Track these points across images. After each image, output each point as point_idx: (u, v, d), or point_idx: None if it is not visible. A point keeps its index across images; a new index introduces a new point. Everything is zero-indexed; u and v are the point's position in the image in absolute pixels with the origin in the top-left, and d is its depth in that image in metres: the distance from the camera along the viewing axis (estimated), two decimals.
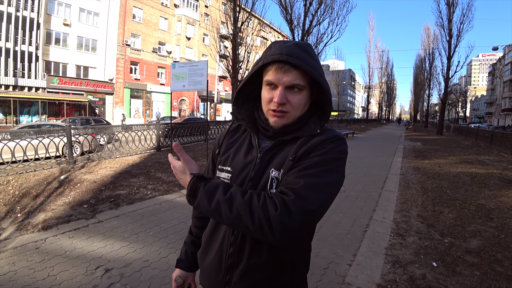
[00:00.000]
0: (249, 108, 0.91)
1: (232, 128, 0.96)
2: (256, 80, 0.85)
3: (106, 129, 9.01)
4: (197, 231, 1.02)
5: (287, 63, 0.73)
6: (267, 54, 0.77)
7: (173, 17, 29.36)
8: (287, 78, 0.74)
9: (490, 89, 60.47)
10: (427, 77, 35.75)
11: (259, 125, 0.87)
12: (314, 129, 0.80)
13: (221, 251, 0.83)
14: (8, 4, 19.04)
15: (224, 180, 0.84)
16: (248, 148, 0.87)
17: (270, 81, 0.76)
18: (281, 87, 0.75)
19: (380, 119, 65.71)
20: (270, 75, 0.76)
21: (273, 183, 0.77)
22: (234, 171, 0.84)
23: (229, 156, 0.89)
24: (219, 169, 0.89)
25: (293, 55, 0.72)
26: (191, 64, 7.58)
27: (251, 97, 0.91)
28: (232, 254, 0.80)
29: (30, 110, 20.08)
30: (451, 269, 2.58)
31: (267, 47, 0.82)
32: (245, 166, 0.83)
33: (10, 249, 2.79)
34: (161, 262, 2.64)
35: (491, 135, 13.60)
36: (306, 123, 0.83)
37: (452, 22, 19.97)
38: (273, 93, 0.77)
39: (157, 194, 4.78)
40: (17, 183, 5.15)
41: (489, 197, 4.92)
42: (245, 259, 0.79)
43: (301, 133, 0.80)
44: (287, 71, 0.74)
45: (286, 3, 16.44)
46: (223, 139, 0.95)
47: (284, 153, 0.81)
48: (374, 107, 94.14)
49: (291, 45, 0.76)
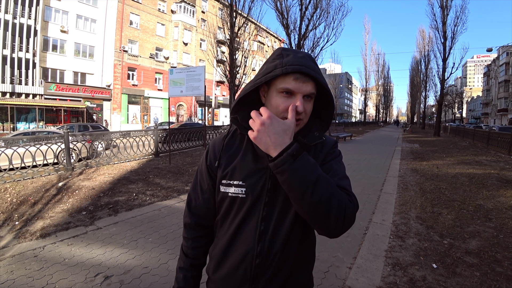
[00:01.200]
0: (246, 114, 0.86)
1: (228, 138, 0.92)
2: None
3: (104, 135, 8.99)
4: (195, 252, 0.95)
5: (307, 75, 0.76)
6: (284, 62, 0.76)
7: (170, 23, 29.51)
8: (307, 88, 0.77)
9: (485, 90, 61.01)
10: (423, 79, 36.07)
11: None
12: (320, 137, 0.86)
13: (245, 263, 0.81)
14: (5, 12, 19.09)
15: (238, 195, 0.83)
16: (255, 158, 0.85)
17: (289, 89, 0.76)
18: (300, 96, 0.76)
19: (378, 121, 65.99)
20: (290, 83, 0.76)
21: None
22: (249, 184, 0.83)
23: (236, 169, 0.85)
24: (224, 184, 0.86)
25: (310, 67, 0.76)
26: (189, 69, 7.62)
27: (247, 101, 0.89)
28: (258, 265, 0.80)
29: (27, 117, 20.01)
30: (451, 270, 2.58)
31: (276, 55, 0.81)
32: (259, 177, 0.83)
33: (8, 258, 2.77)
34: (161, 269, 2.63)
35: (488, 136, 13.70)
36: (309, 130, 0.86)
37: (446, 24, 20.23)
38: (289, 101, 0.77)
39: (156, 200, 4.77)
40: (14, 191, 5.12)
41: (487, 197, 4.94)
42: (271, 267, 0.81)
43: (308, 141, 0.84)
44: (306, 81, 0.76)
45: (282, 8, 16.59)
46: (221, 150, 0.90)
47: None
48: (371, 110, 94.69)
49: (305, 56, 0.79)
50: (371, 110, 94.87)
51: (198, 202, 0.94)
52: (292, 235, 0.82)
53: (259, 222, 0.81)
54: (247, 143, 0.88)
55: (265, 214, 0.81)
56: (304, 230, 0.86)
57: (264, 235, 0.81)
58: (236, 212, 0.85)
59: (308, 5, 16.73)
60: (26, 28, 20.06)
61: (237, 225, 0.84)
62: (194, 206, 0.95)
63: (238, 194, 0.83)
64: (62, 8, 22.08)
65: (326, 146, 0.88)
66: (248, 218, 0.83)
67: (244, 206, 0.83)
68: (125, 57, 25.46)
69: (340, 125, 22.74)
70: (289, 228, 0.81)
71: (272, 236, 0.81)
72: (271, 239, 0.80)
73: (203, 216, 0.94)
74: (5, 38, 19.33)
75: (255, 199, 0.82)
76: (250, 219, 0.83)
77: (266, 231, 0.81)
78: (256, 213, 0.82)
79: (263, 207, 0.82)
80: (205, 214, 0.93)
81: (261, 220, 0.81)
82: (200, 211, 0.94)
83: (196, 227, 0.95)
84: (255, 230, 0.81)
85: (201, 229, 0.95)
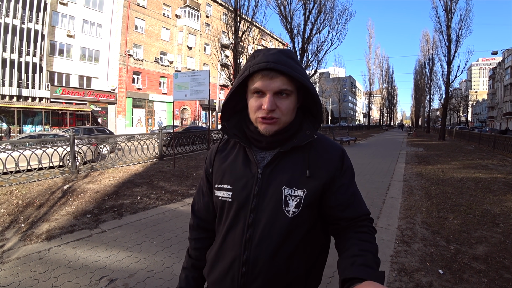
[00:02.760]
0: (237, 122, 0.88)
1: (221, 145, 0.93)
2: (240, 91, 0.84)
3: (109, 138, 9.06)
4: (197, 253, 0.95)
5: (274, 70, 0.74)
6: (252, 63, 0.76)
7: (175, 28, 29.79)
8: (275, 84, 0.74)
9: (491, 93, 60.46)
10: (428, 82, 35.82)
11: (250, 137, 0.85)
12: (311, 135, 0.82)
13: (232, 270, 0.80)
14: (13, 17, 19.45)
15: (226, 199, 0.83)
16: (244, 163, 0.84)
17: (257, 89, 0.76)
18: (269, 94, 0.75)
19: (382, 125, 65.67)
20: (257, 83, 0.75)
21: (289, 201, 0.78)
22: (235, 188, 0.82)
23: (225, 173, 0.86)
24: (216, 188, 0.87)
25: (279, 62, 0.74)
26: (193, 73, 7.67)
27: (237, 109, 0.89)
28: (245, 273, 0.78)
29: (34, 120, 20.27)
30: (458, 276, 2.54)
31: (250, 57, 0.81)
32: (246, 182, 0.81)
33: (13, 260, 2.79)
34: (165, 272, 2.63)
35: (494, 139, 13.54)
36: (299, 129, 0.84)
37: (451, 28, 20.15)
38: (261, 101, 0.76)
39: (160, 203, 4.78)
40: (21, 193, 5.17)
41: (494, 202, 4.88)
42: (259, 277, 0.77)
43: (298, 141, 0.81)
44: (274, 77, 0.74)
45: (286, 13, 16.68)
46: (214, 157, 0.92)
47: (288, 166, 0.81)
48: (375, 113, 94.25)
49: (275, 52, 0.77)
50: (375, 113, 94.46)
51: (199, 205, 0.97)
52: (285, 247, 0.77)
53: (246, 228, 0.79)
54: (239, 149, 0.88)
55: (251, 220, 0.79)
56: (305, 245, 0.81)
57: (250, 242, 0.78)
58: (225, 216, 0.84)
59: (312, 9, 16.80)
60: (33, 33, 20.40)
61: (226, 229, 0.83)
62: (197, 209, 0.98)
63: (226, 198, 0.83)
64: (69, 13, 22.45)
65: (332, 157, 0.83)
66: (235, 223, 0.81)
67: (231, 211, 0.82)
68: (130, 61, 25.71)
69: (344, 128, 22.64)
70: (280, 238, 0.77)
71: (259, 245, 0.77)
72: (258, 247, 0.77)
73: (204, 219, 0.96)
74: (13, 42, 19.67)
75: (241, 204, 0.81)
76: (237, 224, 0.81)
77: (253, 238, 0.78)
78: (242, 218, 0.80)
79: (249, 213, 0.79)
80: (206, 216, 0.95)
81: (248, 227, 0.79)
82: (202, 214, 0.96)
83: (198, 228, 0.97)
84: (242, 236, 0.79)
85: (203, 231, 0.96)
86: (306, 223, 0.80)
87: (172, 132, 9.63)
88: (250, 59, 0.79)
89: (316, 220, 0.84)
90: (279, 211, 0.78)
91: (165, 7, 28.91)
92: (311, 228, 0.82)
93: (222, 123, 0.87)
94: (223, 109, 0.87)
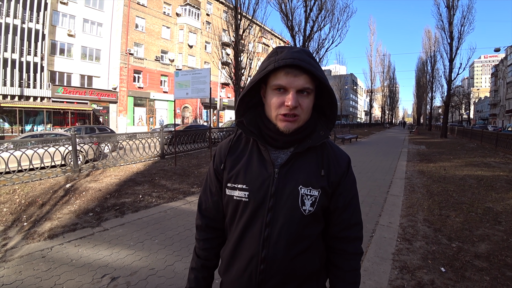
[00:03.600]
0: (252, 118, 0.87)
1: (233, 141, 0.92)
2: (254, 86, 0.83)
3: (110, 137, 9.08)
4: (207, 253, 0.95)
5: (299, 68, 0.74)
6: (277, 58, 0.76)
7: (175, 26, 29.73)
8: (299, 82, 0.75)
9: (493, 90, 60.11)
10: (430, 80, 35.62)
11: (266, 134, 0.84)
12: (325, 136, 0.84)
13: (250, 268, 0.81)
14: (14, 17, 19.45)
15: (242, 199, 0.83)
16: (260, 162, 0.84)
17: (280, 85, 0.75)
18: (293, 91, 0.75)
19: (383, 122, 65.48)
20: (280, 79, 0.75)
21: (305, 200, 0.80)
22: (252, 188, 0.82)
23: (240, 172, 0.85)
24: (229, 187, 0.85)
25: (304, 60, 0.74)
26: (194, 72, 7.66)
27: (251, 104, 0.89)
28: (263, 270, 0.80)
29: (35, 119, 20.32)
30: (460, 274, 2.54)
31: (272, 52, 0.80)
32: (263, 182, 0.82)
33: (16, 258, 2.80)
34: (167, 270, 2.64)
35: (496, 137, 13.48)
36: (314, 129, 0.85)
37: (453, 24, 19.97)
38: (283, 98, 0.76)
39: (162, 201, 4.79)
40: (23, 192, 5.19)
41: (497, 200, 4.86)
42: (278, 274, 0.80)
43: (313, 142, 0.82)
44: (298, 75, 0.74)
45: (287, 10, 16.60)
46: (226, 153, 0.89)
47: (303, 166, 0.83)
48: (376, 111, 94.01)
49: (299, 50, 0.77)
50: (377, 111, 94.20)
51: (208, 204, 0.95)
52: (301, 245, 0.81)
53: (263, 227, 0.80)
54: (252, 146, 0.87)
55: (269, 219, 0.80)
56: (320, 242, 0.86)
57: (268, 240, 0.80)
58: (240, 215, 0.84)
59: (313, 6, 16.70)
60: (34, 33, 20.40)
61: (242, 228, 0.84)
62: (204, 208, 0.96)
63: (241, 198, 0.83)
64: (69, 13, 22.43)
65: (341, 162, 0.87)
66: (253, 223, 0.82)
67: (247, 210, 0.82)
68: (131, 60, 25.70)
69: (345, 126, 22.58)
70: (297, 236, 0.80)
71: (277, 243, 0.79)
72: (276, 245, 0.79)
73: (213, 218, 0.94)
74: (14, 42, 19.68)
75: (258, 203, 0.81)
76: (254, 223, 0.82)
77: (271, 237, 0.79)
78: (260, 218, 0.81)
79: (267, 212, 0.80)
80: (215, 216, 0.94)
81: (265, 226, 0.80)
82: (210, 214, 0.94)
83: (207, 228, 0.95)
84: (259, 235, 0.80)
85: (211, 231, 0.95)
86: (321, 221, 0.86)
87: (173, 130, 9.63)
88: (273, 55, 0.79)
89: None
90: (296, 210, 0.80)
91: (166, 5, 28.85)
92: (325, 225, 0.89)
93: (239, 119, 0.86)
94: (239, 105, 0.86)
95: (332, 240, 0.89)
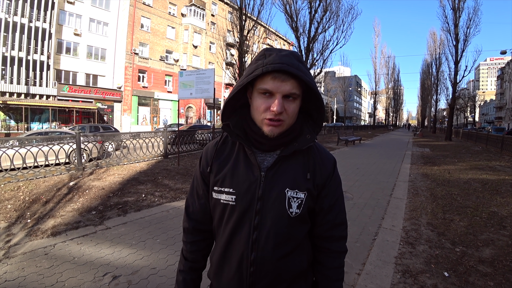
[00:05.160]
0: (237, 121, 0.85)
1: (220, 144, 0.91)
2: (241, 89, 0.82)
3: (114, 136, 9.13)
4: (194, 256, 0.94)
5: (286, 73, 0.73)
6: (265, 62, 0.74)
7: (180, 26, 29.87)
8: (286, 87, 0.74)
9: (499, 93, 59.49)
10: (434, 82, 35.38)
11: (251, 138, 0.84)
12: (311, 140, 0.84)
13: (240, 270, 0.82)
14: (22, 16, 19.68)
15: (229, 203, 0.83)
16: (246, 166, 0.83)
17: (267, 90, 0.74)
18: (279, 96, 0.74)
19: (387, 125, 65.13)
20: (267, 83, 0.74)
21: (292, 202, 0.81)
22: (239, 191, 0.82)
23: (226, 176, 0.84)
24: (216, 190, 0.85)
25: (293, 65, 0.73)
26: (198, 72, 7.68)
27: (236, 107, 0.87)
28: (253, 272, 0.81)
29: (41, 117, 20.53)
30: (464, 279, 2.51)
31: (259, 55, 0.79)
32: (249, 185, 0.82)
33: (20, 255, 2.83)
34: (169, 270, 2.64)
35: (502, 140, 13.33)
36: (301, 133, 0.85)
37: (459, 27, 19.83)
38: (269, 102, 0.75)
39: (164, 201, 4.80)
40: (27, 189, 5.24)
41: (502, 204, 4.80)
42: (268, 275, 0.81)
43: (299, 145, 0.83)
44: (286, 80, 0.73)
45: (292, 11, 16.61)
46: (212, 156, 0.89)
47: (289, 169, 0.84)
48: (380, 113, 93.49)
49: (288, 54, 0.76)
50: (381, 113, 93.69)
51: (195, 207, 0.94)
52: (289, 246, 0.82)
53: (251, 230, 0.81)
54: (239, 149, 0.87)
55: (256, 222, 0.81)
56: (307, 242, 0.89)
57: (257, 243, 0.80)
58: (227, 219, 0.84)
59: (317, 8, 16.70)
60: (41, 31, 20.62)
61: (230, 232, 0.84)
62: (191, 211, 0.95)
63: (228, 202, 0.83)
64: (76, 12, 22.66)
65: (327, 164, 0.88)
66: (240, 226, 0.82)
67: (234, 214, 0.82)
68: (135, 60, 25.86)
69: (349, 128, 22.49)
70: (285, 238, 0.81)
71: (266, 245, 0.80)
72: (264, 247, 0.80)
73: (200, 221, 0.94)
74: (21, 41, 19.92)
75: (245, 207, 0.81)
76: (242, 226, 0.82)
77: (259, 240, 0.80)
78: (248, 221, 0.81)
79: (254, 215, 0.81)
80: (203, 219, 0.94)
81: (253, 229, 0.81)
82: (198, 216, 0.94)
83: (194, 231, 0.95)
84: (248, 238, 0.81)
85: (199, 233, 0.95)
86: (307, 222, 0.88)
87: (177, 130, 9.66)
88: (260, 58, 0.78)
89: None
90: (283, 213, 0.81)
91: (171, 5, 29.00)
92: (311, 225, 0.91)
93: (226, 122, 0.85)
94: (225, 107, 0.85)
95: (318, 239, 0.91)
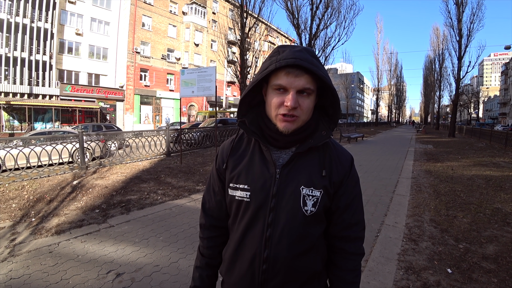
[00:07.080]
0: (253, 118, 0.86)
1: (235, 141, 0.91)
2: (256, 86, 0.82)
3: (117, 135, 9.17)
4: (210, 252, 0.95)
5: (300, 68, 0.73)
6: (278, 58, 0.75)
7: (182, 24, 29.84)
8: (300, 82, 0.74)
9: (503, 89, 58.98)
10: (437, 78, 35.13)
11: (267, 135, 0.84)
12: (327, 136, 0.83)
13: (252, 268, 0.81)
14: (24, 16, 19.75)
15: (244, 199, 0.83)
16: (261, 162, 0.84)
17: (281, 85, 0.75)
18: (293, 91, 0.74)
19: (390, 121, 64.79)
20: (281, 79, 0.74)
21: (307, 200, 0.80)
22: (253, 188, 0.82)
23: (242, 172, 0.85)
24: (231, 187, 0.86)
25: (306, 60, 0.73)
26: (200, 70, 7.67)
27: (252, 104, 0.88)
28: (266, 270, 0.80)
29: (44, 117, 20.65)
30: (467, 276, 2.50)
31: (273, 52, 0.80)
32: (264, 182, 0.81)
33: (24, 253, 2.86)
34: (172, 267, 2.65)
35: (506, 136, 13.22)
36: (316, 129, 0.84)
37: (462, 22, 19.59)
38: (283, 98, 0.75)
39: (167, 199, 4.82)
40: (31, 188, 5.28)
41: (506, 200, 4.77)
42: (280, 274, 0.80)
43: (314, 142, 0.82)
44: (299, 75, 0.73)
45: (293, 8, 16.52)
46: (228, 153, 0.90)
47: (304, 166, 0.83)
48: (383, 110, 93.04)
49: (301, 49, 0.76)
50: (383, 110, 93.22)
51: (211, 204, 0.95)
52: (303, 245, 0.81)
53: (265, 227, 0.80)
54: (254, 146, 0.87)
55: (270, 220, 0.80)
56: (320, 242, 0.86)
57: (270, 241, 0.80)
58: (242, 215, 0.84)
59: (319, 4, 16.59)
60: (43, 32, 20.68)
61: (244, 228, 0.84)
62: (208, 207, 0.96)
63: (243, 198, 0.83)
64: (77, 12, 22.68)
65: (343, 162, 0.86)
66: (254, 223, 0.82)
67: (249, 210, 0.82)
68: (137, 59, 25.90)
69: (351, 125, 22.42)
70: (299, 236, 0.80)
71: (279, 243, 0.79)
72: (278, 245, 0.79)
73: (216, 217, 0.95)
74: (23, 41, 19.99)
75: (259, 203, 0.81)
76: (256, 223, 0.82)
77: (273, 237, 0.80)
78: (262, 218, 0.81)
79: (268, 213, 0.80)
80: (219, 215, 0.94)
81: (267, 226, 0.80)
82: (214, 213, 0.95)
83: (210, 227, 0.96)
84: (261, 235, 0.81)
85: (215, 230, 0.96)
86: (323, 221, 0.85)
87: (179, 128, 9.68)
88: (274, 54, 0.78)
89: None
90: (298, 211, 0.80)
91: (172, 4, 28.96)
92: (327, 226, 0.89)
93: (241, 119, 0.86)
94: (241, 104, 0.86)
95: (333, 239, 0.89)
